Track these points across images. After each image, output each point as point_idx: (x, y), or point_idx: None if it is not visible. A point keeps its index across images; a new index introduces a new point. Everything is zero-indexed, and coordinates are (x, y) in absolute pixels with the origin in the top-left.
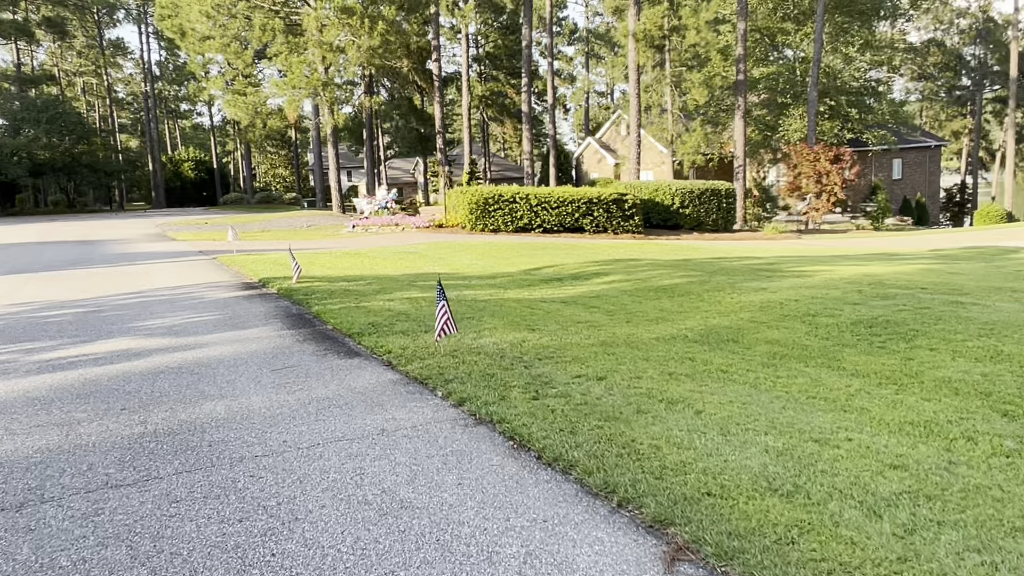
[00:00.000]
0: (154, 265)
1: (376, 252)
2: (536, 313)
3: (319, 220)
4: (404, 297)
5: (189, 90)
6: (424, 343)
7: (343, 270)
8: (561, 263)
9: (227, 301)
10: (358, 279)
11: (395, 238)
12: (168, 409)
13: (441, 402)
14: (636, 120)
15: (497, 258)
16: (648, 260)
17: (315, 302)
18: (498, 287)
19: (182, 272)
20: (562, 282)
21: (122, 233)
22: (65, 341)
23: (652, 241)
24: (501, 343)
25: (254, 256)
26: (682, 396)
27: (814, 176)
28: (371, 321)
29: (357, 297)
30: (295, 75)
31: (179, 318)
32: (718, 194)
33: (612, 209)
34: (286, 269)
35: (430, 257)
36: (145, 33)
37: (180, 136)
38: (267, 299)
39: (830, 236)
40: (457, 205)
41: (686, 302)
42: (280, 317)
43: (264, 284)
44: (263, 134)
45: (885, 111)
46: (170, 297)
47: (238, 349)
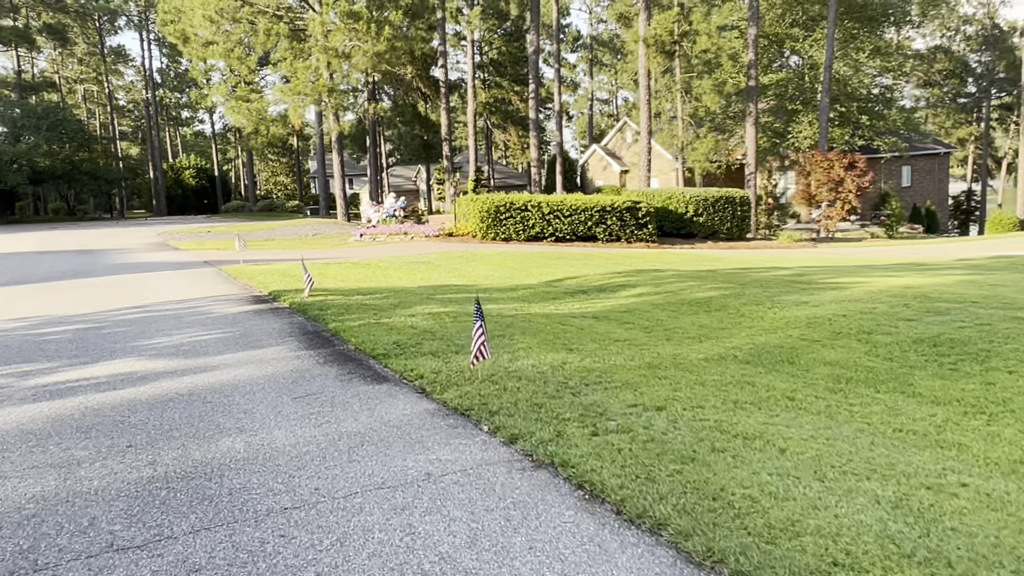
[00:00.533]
0: (158, 276)
1: (387, 262)
2: (569, 330)
3: (324, 228)
4: (426, 312)
5: (191, 97)
6: (457, 366)
7: (356, 282)
8: (582, 274)
9: (237, 317)
10: (373, 292)
11: (405, 247)
12: (180, 446)
13: (489, 438)
14: (647, 127)
15: (514, 268)
16: (672, 271)
17: (332, 318)
18: (521, 300)
19: (187, 284)
20: (588, 295)
21: (123, 242)
22: (64, 362)
23: (668, 250)
24: (540, 366)
25: (261, 267)
26: (756, 430)
27: (828, 183)
28: (395, 340)
29: (376, 312)
30: (300, 81)
31: (187, 336)
32: (732, 202)
33: (625, 217)
34: (296, 281)
35: (444, 268)
36: (146, 40)
37: (181, 144)
38: (279, 314)
39: (846, 244)
40: (468, 213)
41: (725, 317)
42: (295, 335)
43: (275, 297)
44: (265, 141)
45: (896, 118)
46: (176, 312)
47: (253, 372)
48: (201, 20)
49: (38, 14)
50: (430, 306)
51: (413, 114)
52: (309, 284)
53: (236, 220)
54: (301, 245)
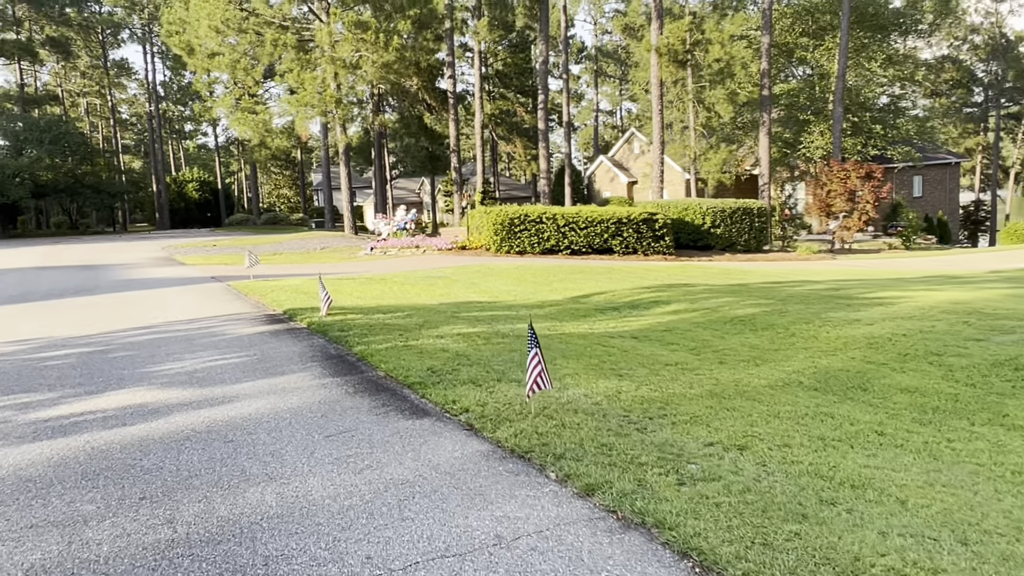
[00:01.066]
0: (165, 293)
1: (403, 277)
2: (611, 352)
3: (332, 242)
4: (455, 333)
5: (194, 110)
6: (504, 397)
7: (374, 299)
8: (608, 289)
9: (252, 338)
10: (394, 310)
11: (418, 261)
12: (202, 498)
13: (560, 488)
14: (659, 137)
15: (535, 283)
16: (702, 286)
17: (355, 340)
18: (552, 319)
19: (196, 302)
20: (620, 312)
21: (127, 256)
22: (67, 392)
23: (688, 263)
24: (594, 395)
25: (272, 283)
26: (860, 475)
27: (845, 194)
28: (429, 366)
29: (402, 333)
30: (307, 92)
31: (200, 360)
32: (750, 213)
33: (642, 229)
34: (311, 299)
35: (462, 283)
36: (150, 53)
37: (184, 157)
38: (297, 336)
39: (865, 256)
40: (481, 226)
41: (775, 337)
42: (318, 360)
43: (291, 317)
44: (270, 154)
45: (910, 127)
46: (186, 333)
47: (277, 404)
48: (207, 31)
49: (41, 27)
50: (457, 326)
51: (419, 126)
52: (327, 302)
53: (240, 234)
54: (310, 259)
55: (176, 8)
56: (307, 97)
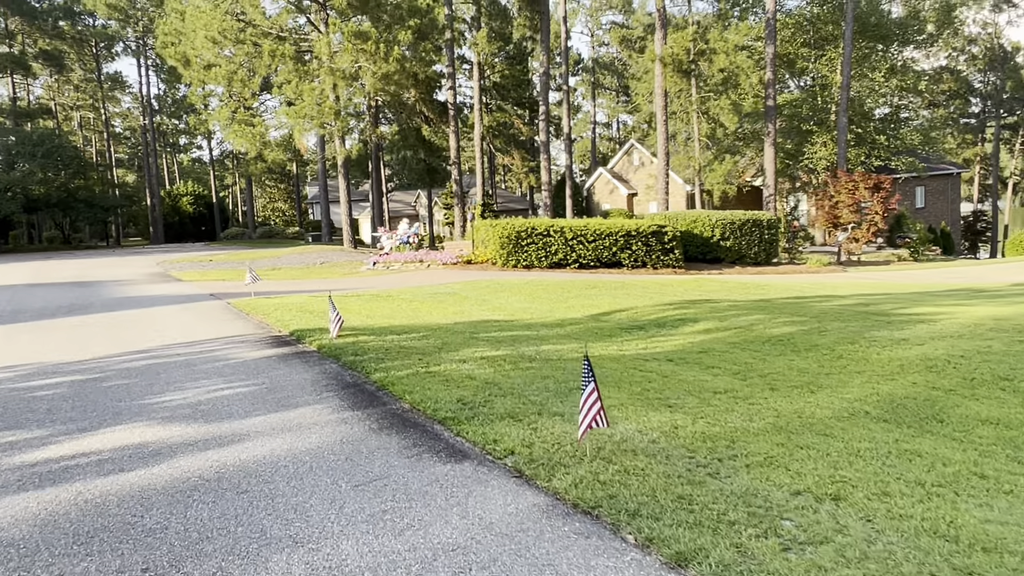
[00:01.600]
0: (161, 312)
1: (410, 294)
2: (651, 378)
3: (332, 256)
4: (478, 357)
5: (189, 123)
6: (550, 435)
7: (384, 318)
8: (628, 306)
9: (259, 364)
10: (408, 330)
11: (423, 276)
12: (217, 570)
13: (642, 556)
14: (664, 148)
15: (549, 300)
16: (725, 301)
17: (372, 366)
18: (575, 339)
19: (196, 321)
20: (646, 331)
21: (122, 272)
22: (58, 429)
23: (701, 277)
24: (648, 431)
25: (274, 300)
26: (988, 534)
27: (853, 205)
28: (458, 397)
29: (421, 358)
30: (306, 104)
31: (203, 389)
32: (759, 225)
33: (651, 242)
34: (318, 318)
35: (473, 299)
36: (144, 66)
37: (178, 170)
38: (308, 360)
39: (876, 268)
40: (487, 239)
41: (823, 359)
42: (334, 389)
43: (299, 339)
44: (266, 167)
45: (914, 137)
46: (187, 357)
47: (294, 444)
48: (203, 41)
49: (34, 40)
50: (479, 348)
51: (417, 138)
52: (338, 323)
53: (236, 248)
54: (310, 275)
55: (171, 20)
56: (306, 109)
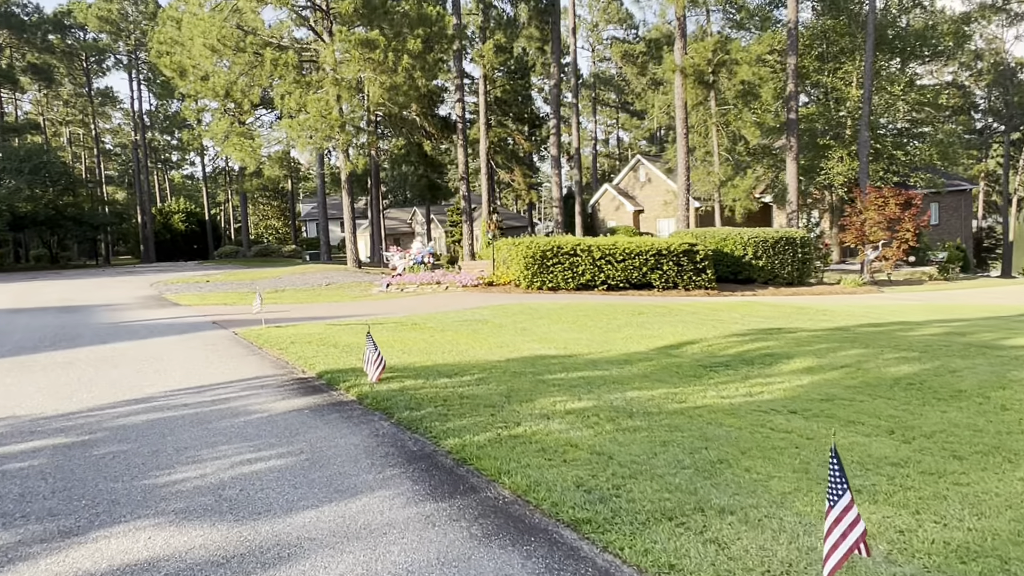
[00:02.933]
0: (160, 345)
1: (437, 321)
2: (794, 441)
3: (337, 276)
4: (561, 410)
5: (183, 138)
6: (743, 551)
7: (421, 353)
8: (693, 337)
9: (290, 420)
10: (457, 370)
11: (443, 300)
12: None
13: None
14: (684, 162)
15: (599, 329)
16: (801, 331)
17: (437, 425)
18: (659, 381)
19: (202, 358)
20: (735, 370)
21: (113, 295)
22: (31, 533)
23: (745, 299)
24: (870, 540)
25: (288, 330)
26: None
27: (883, 222)
28: (574, 479)
29: (492, 412)
30: (311, 115)
31: (226, 461)
32: (792, 243)
33: (683, 262)
34: (345, 354)
35: (511, 328)
36: (136, 80)
37: (169, 187)
38: (349, 415)
39: (912, 288)
40: (509, 259)
41: (986, 411)
42: (397, 463)
43: (331, 383)
44: (261, 183)
45: (932, 152)
46: (197, 409)
47: (372, 567)
48: (201, 49)
49: (23, 54)
50: (555, 396)
51: (419, 154)
52: (379, 366)
53: (232, 267)
54: (318, 297)
55: (167, 28)
56: (310, 121)
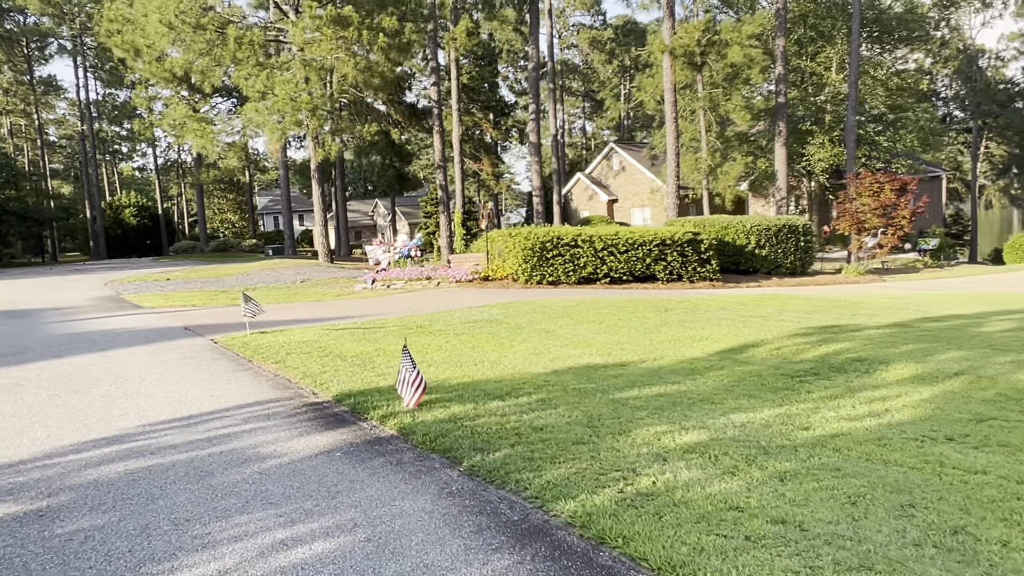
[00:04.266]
0: (128, 358)
1: (443, 322)
2: (1005, 495)
3: (311, 272)
4: (673, 446)
5: (134, 128)
6: None
7: (448, 365)
8: (747, 338)
9: (319, 468)
10: (502, 387)
11: (439, 297)
12: None
13: None
14: (674, 147)
15: (635, 330)
16: (868, 329)
17: (526, 476)
18: (752, 397)
19: (181, 374)
20: (829, 379)
21: (65, 296)
22: None
23: (760, 291)
24: None
25: (278, 337)
26: None
27: (879, 209)
28: None
29: (589, 454)
30: (279, 99)
31: (250, 545)
32: (795, 231)
33: (687, 252)
34: (357, 368)
35: (532, 330)
36: (82, 67)
37: (119, 181)
38: (395, 456)
39: (912, 277)
40: (505, 252)
41: None
42: (502, 543)
43: (357, 411)
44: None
45: (914, 138)
46: (191, 454)
47: None
48: (157, 27)
49: None
50: (647, 424)
51: (387, 142)
52: (419, 387)
53: (191, 263)
54: (295, 296)
55: (118, 3)
56: (279, 104)
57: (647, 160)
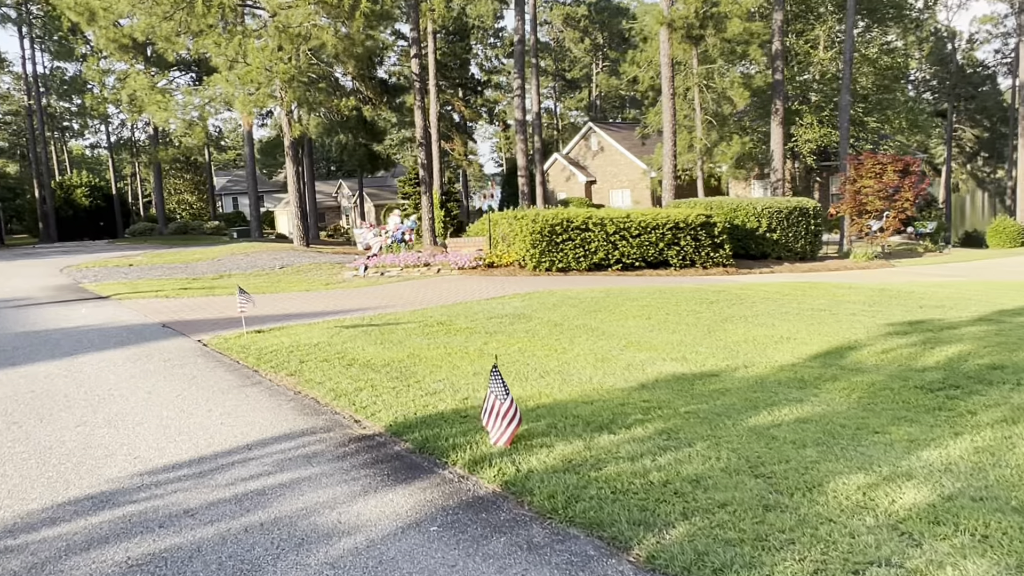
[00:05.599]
0: (101, 366)
1: (464, 317)
2: None
3: (289, 258)
4: (904, 513)
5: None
6: None
7: (508, 379)
8: (835, 338)
9: (414, 553)
10: (597, 414)
11: (444, 286)
12: None
13: None
14: (671, 125)
15: (694, 327)
16: (960, 324)
17: (743, 575)
18: (913, 422)
19: (172, 391)
20: (977, 393)
21: (15, 285)
22: None
23: (779, 277)
24: None
25: (280, 337)
26: None
27: (882, 191)
28: None
29: (812, 533)
30: (253, 68)
31: None
32: (806, 214)
33: (700, 236)
34: (397, 381)
35: (570, 327)
36: (29, 37)
37: (69, 160)
38: (521, 535)
39: (917, 262)
40: (510, 235)
41: None
42: None
43: (425, 450)
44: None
45: (903, 120)
46: (218, 525)
47: None
48: None
49: None
50: (839, 472)
51: (358, 119)
52: (513, 420)
53: (152, 247)
54: (278, 285)
55: None
56: (252, 73)
57: (627, 140)
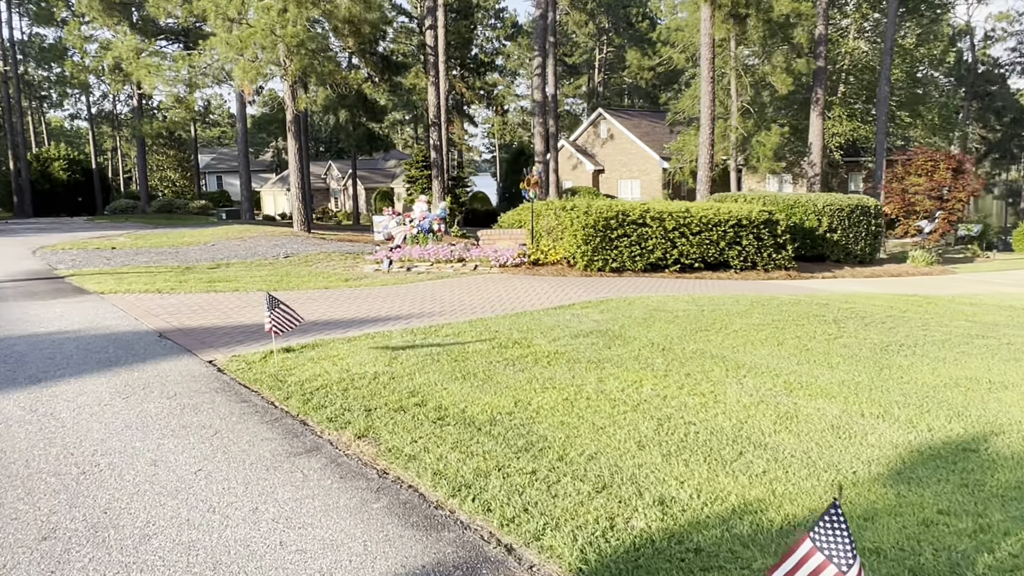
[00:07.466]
0: (85, 412)
1: (542, 335)
2: None
3: (291, 245)
4: None
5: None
6: None
7: (680, 459)
8: (1010, 370)
9: None
10: (887, 540)
11: (488, 288)
12: None
13: None
14: (709, 110)
15: (848, 359)
16: None
17: None
18: None
19: (196, 466)
20: None
21: None
22: None
23: (846, 284)
24: None
25: (320, 362)
26: None
27: (933, 190)
28: None
29: None
30: (258, 30)
31: None
32: (867, 213)
33: (763, 236)
34: (533, 463)
35: (682, 353)
36: (6, 2)
37: (46, 132)
38: None
39: (974, 268)
40: (557, 229)
41: None
42: None
43: None
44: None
45: (934, 115)
46: None
47: None
48: None
49: None
50: None
51: (358, 97)
52: None
53: (134, 226)
54: (289, 280)
55: None
56: (256, 36)
57: (639, 129)
